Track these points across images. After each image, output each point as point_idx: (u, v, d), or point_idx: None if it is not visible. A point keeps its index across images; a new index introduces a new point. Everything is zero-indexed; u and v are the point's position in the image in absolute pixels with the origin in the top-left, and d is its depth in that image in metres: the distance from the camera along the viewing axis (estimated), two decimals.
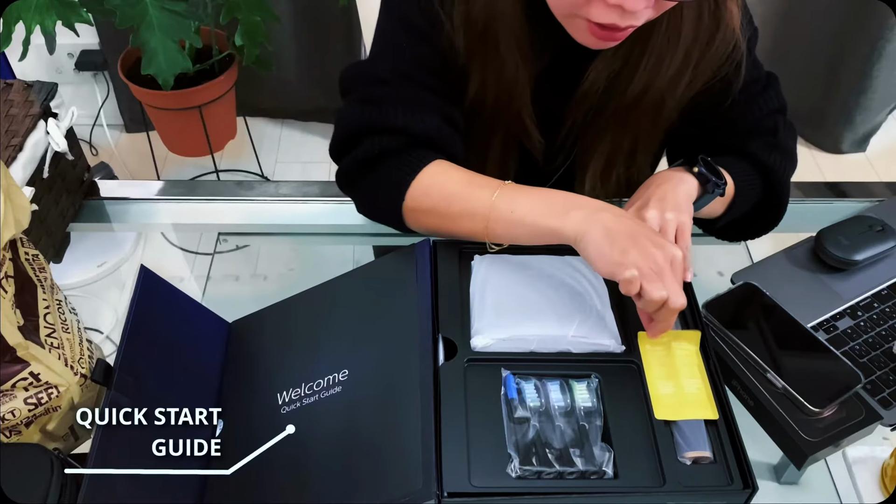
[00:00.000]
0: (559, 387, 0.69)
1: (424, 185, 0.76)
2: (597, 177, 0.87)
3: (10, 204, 0.63)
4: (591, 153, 0.86)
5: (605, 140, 0.85)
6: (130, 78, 1.74)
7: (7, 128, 0.85)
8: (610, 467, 0.64)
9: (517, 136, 0.86)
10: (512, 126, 0.84)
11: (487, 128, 0.85)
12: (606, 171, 0.87)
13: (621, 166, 0.87)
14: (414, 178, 0.76)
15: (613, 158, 0.86)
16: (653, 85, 0.78)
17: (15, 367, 0.63)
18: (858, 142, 2.25)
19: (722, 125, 0.85)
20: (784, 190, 0.85)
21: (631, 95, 0.79)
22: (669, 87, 0.79)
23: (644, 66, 0.77)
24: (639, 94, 0.79)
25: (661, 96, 0.80)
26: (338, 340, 0.75)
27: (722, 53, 0.78)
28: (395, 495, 0.61)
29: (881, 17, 1.93)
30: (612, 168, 0.87)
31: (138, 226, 1.03)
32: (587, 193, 0.83)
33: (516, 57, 0.77)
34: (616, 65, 0.78)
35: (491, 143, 0.86)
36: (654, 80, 0.78)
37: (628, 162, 0.87)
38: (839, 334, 0.82)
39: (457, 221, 0.76)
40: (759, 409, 0.73)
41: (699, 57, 0.77)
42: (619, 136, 0.84)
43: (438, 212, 0.76)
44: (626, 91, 0.79)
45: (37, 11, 1.40)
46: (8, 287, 0.63)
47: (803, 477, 0.74)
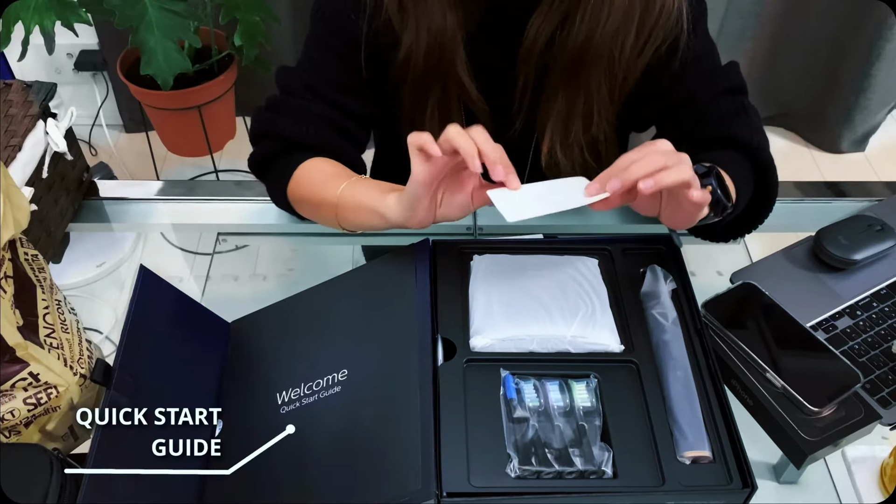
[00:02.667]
0: (558, 387, 0.69)
1: (297, 179, 0.84)
2: (556, 140, 0.88)
3: (10, 204, 0.63)
4: (547, 115, 0.87)
5: (558, 100, 0.86)
6: (130, 78, 1.74)
7: (6, 128, 0.85)
8: (609, 467, 0.64)
9: (457, 95, 0.86)
10: (448, 83, 0.84)
11: (422, 88, 0.85)
12: (565, 134, 0.88)
13: (579, 127, 0.87)
14: (291, 176, 0.84)
15: (570, 120, 0.87)
16: (593, 38, 0.80)
17: (14, 368, 0.63)
18: (857, 141, 2.25)
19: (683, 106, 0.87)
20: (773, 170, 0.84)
21: (573, 50, 0.81)
22: (613, 41, 0.80)
23: (582, 19, 0.79)
24: (580, 48, 0.80)
25: (609, 52, 0.81)
26: (337, 340, 0.75)
27: (667, 14, 0.80)
28: (395, 495, 0.61)
29: (880, 16, 1.93)
30: (569, 130, 0.87)
31: (138, 226, 1.03)
32: (546, 157, 0.89)
33: (444, 3, 0.79)
34: (554, 19, 0.80)
35: (426, 104, 0.86)
36: (594, 33, 0.79)
37: (586, 123, 0.87)
38: (838, 334, 0.82)
39: (319, 210, 0.82)
40: (758, 408, 0.73)
41: (642, 12, 0.79)
42: (573, 95, 0.85)
43: (307, 201, 0.84)
44: (567, 46, 0.81)
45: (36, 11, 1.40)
46: (7, 287, 0.63)
47: (802, 476, 0.74)
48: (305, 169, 0.84)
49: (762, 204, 0.85)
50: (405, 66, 0.83)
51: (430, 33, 0.80)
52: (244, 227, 1.03)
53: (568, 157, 0.89)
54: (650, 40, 0.82)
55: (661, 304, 0.76)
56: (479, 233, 0.95)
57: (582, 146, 0.89)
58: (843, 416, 0.71)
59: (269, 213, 0.98)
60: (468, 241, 0.83)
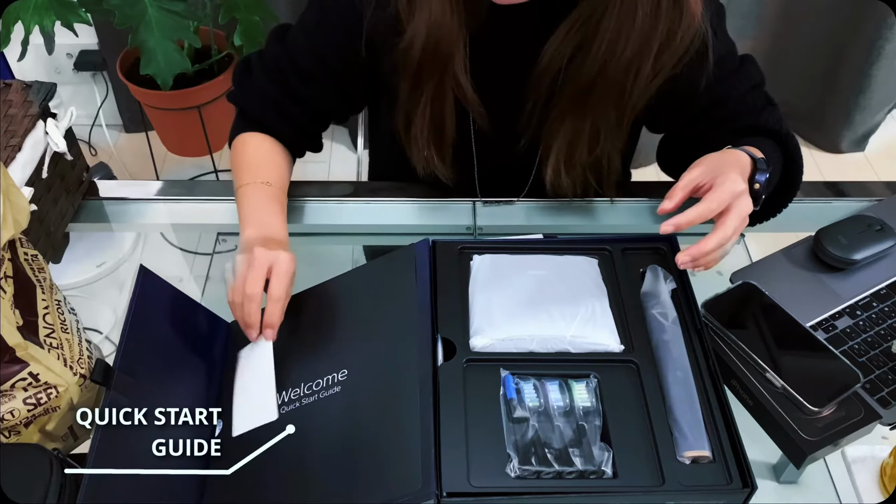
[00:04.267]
0: (558, 387, 0.69)
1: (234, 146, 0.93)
2: (560, 161, 0.88)
3: (9, 204, 0.63)
4: (552, 136, 0.87)
5: (565, 123, 0.85)
6: (129, 78, 1.74)
7: (6, 128, 0.85)
8: (609, 467, 0.64)
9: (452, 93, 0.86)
10: (444, 79, 0.84)
11: (416, 79, 0.85)
12: (569, 155, 0.88)
13: (584, 150, 0.87)
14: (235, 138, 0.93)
15: (575, 143, 0.86)
16: (607, 69, 0.79)
17: (14, 368, 0.63)
18: (857, 141, 2.25)
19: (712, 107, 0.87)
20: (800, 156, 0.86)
21: (586, 78, 0.80)
22: (627, 73, 0.80)
23: (598, 48, 0.78)
24: (594, 76, 0.80)
25: (621, 82, 0.80)
26: (337, 340, 0.75)
27: (685, 45, 0.80)
28: (395, 495, 0.61)
29: (880, 16, 1.93)
30: (574, 152, 0.87)
31: (137, 226, 1.03)
32: (550, 177, 0.89)
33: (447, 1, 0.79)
34: (570, 45, 0.80)
35: (420, 97, 0.86)
36: (608, 63, 0.79)
37: (591, 146, 0.87)
38: (838, 333, 0.82)
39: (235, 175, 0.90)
40: (758, 408, 0.73)
41: (661, 48, 0.79)
42: (580, 120, 0.85)
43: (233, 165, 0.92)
44: (580, 73, 0.80)
45: (35, 11, 1.40)
46: (7, 287, 0.63)
47: (802, 476, 0.74)
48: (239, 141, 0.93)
49: (788, 188, 0.86)
50: (404, 56, 0.83)
51: (430, 25, 0.80)
52: None
53: (571, 177, 0.89)
54: (665, 66, 0.81)
55: (661, 304, 0.76)
56: (479, 233, 0.95)
57: (585, 167, 0.89)
58: (843, 416, 0.71)
59: None
60: (468, 241, 0.83)
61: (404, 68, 0.84)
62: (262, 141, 0.92)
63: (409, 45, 0.82)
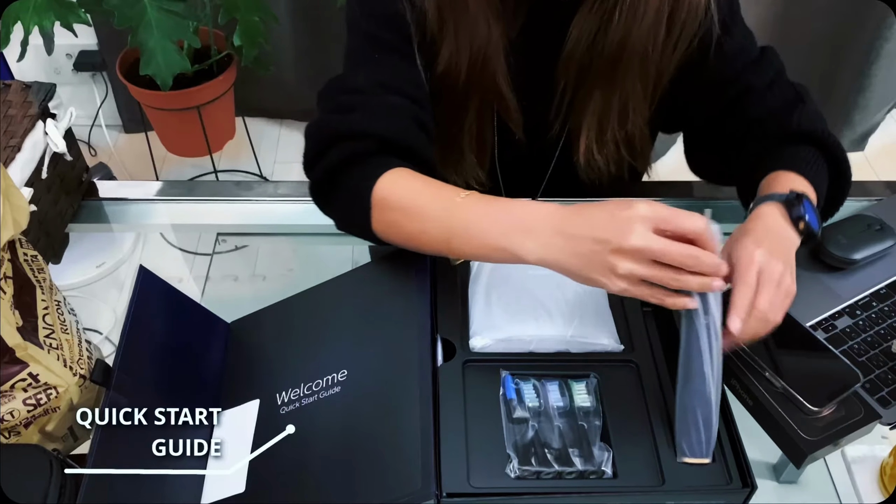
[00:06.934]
0: (558, 387, 0.69)
1: (382, 196, 0.71)
2: (592, 139, 0.87)
3: (9, 204, 0.63)
4: (582, 114, 0.87)
5: (594, 99, 0.85)
6: (129, 78, 1.74)
7: (5, 128, 0.85)
8: (609, 467, 0.64)
9: (492, 107, 0.85)
10: (488, 94, 0.84)
11: (461, 99, 0.84)
12: (600, 131, 0.87)
13: (615, 124, 0.87)
14: (374, 186, 0.71)
15: (605, 118, 0.86)
16: (630, 36, 0.79)
17: (14, 368, 0.63)
18: (857, 141, 2.25)
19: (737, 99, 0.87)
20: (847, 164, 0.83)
21: (611, 48, 0.80)
22: (648, 38, 0.80)
23: (620, 17, 0.78)
24: (618, 46, 0.80)
25: (644, 49, 0.81)
26: (337, 341, 0.75)
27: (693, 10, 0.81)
28: (394, 495, 0.61)
29: (879, 16, 1.93)
30: (605, 127, 0.87)
31: (137, 226, 1.03)
32: (583, 159, 0.88)
33: (487, 14, 0.78)
34: (595, 20, 0.79)
35: (465, 117, 0.86)
36: (631, 31, 0.79)
37: (621, 120, 0.87)
38: (838, 333, 0.82)
39: (419, 239, 0.71)
40: (758, 408, 0.73)
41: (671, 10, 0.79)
42: (608, 94, 0.85)
43: (400, 228, 0.72)
44: (606, 46, 0.80)
45: (35, 12, 1.40)
46: (7, 288, 0.63)
47: (802, 476, 0.74)
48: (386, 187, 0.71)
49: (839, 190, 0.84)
50: (444, 79, 0.81)
51: (474, 46, 0.79)
52: (244, 227, 1.03)
53: (603, 154, 0.89)
54: (681, 36, 0.82)
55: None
56: None
57: (617, 142, 0.89)
58: (842, 416, 0.71)
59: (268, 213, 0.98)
60: None
61: (442, 91, 0.82)
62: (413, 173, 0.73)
63: (448, 67, 0.80)
